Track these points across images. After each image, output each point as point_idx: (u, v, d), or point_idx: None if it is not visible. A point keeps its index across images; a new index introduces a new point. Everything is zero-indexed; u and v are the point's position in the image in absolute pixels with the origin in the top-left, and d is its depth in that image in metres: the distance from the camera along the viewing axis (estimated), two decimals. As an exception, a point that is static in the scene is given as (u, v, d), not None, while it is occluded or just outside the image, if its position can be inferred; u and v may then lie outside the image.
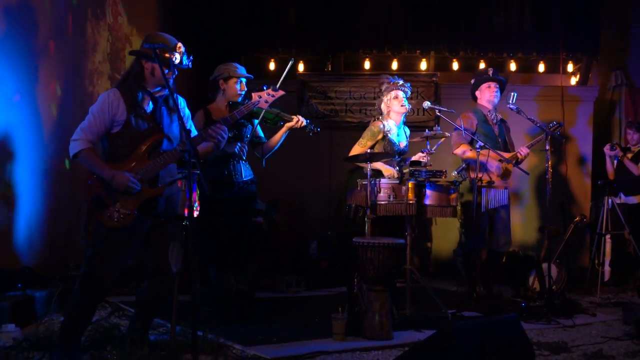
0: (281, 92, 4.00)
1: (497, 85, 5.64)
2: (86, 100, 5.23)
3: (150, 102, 3.50)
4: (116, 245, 3.39)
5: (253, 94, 3.98)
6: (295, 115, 4.64)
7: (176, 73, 3.50)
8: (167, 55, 3.39)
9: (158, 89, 3.53)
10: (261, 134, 4.77)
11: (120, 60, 6.05)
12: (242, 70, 4.63)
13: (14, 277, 4.26)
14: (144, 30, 6.28)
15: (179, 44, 3.46)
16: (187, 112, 3.66)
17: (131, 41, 6.24)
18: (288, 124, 4.59)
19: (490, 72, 5.67)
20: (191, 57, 3.52)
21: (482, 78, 5.68)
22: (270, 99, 3.96)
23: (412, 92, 6.27)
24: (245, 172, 4.63)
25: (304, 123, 4.60)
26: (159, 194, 3.48)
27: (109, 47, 5.86)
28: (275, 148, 4.71)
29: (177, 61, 3.42)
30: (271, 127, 4.69)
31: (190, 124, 3.67)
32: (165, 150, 3.47)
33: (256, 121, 4.63)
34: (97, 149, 3.43)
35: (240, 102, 4.55)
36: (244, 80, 4.61)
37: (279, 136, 4.66)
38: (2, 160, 4.38)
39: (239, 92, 4.59)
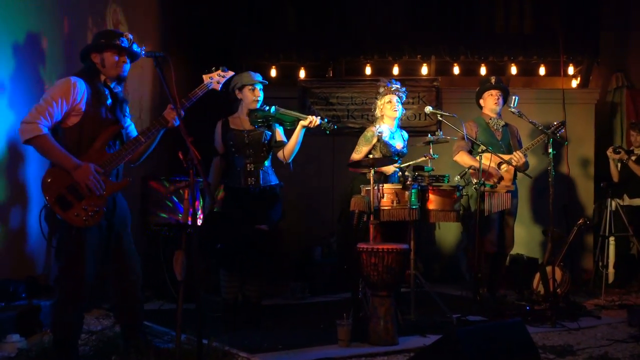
0: (231, 73, 3.98)
1: (500, 94, 5.65)
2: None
3: (110, 97, 3.45)
4: (88, 247, 3.24)
5: (204, 77, 3.90)
6: (310, 115, 4.63)
7: (129, 62, 3.47)
8: (117, 42, 3.37)
9: (114, 84, 3.49)
10: (284, 137, 4.75)
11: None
12: (256, 77, 4.64)
13: (19, 287, 4.26)
14: (144, 38, 6.28)
15: (127, 33, 3.42)
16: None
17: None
18: (302, 123, 4.57)
19: (493, 80, 5.69)
20: (143, 46, 3.47)
21: (484, 87, 5.72)
22: (222, 80, 3.90)
23: (413, 97, 6.25)
24: (264, 179, 4.59)
25: (318, 122, 4.58)
26: (124, 186, 3.41)
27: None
28: (296, 149, 4.67)
29: (125, 45, 3.38)
30: (291, 130, 4.68)
31: (132, 124, 3.65)
32: (124, 142, 3.43)
33: (277, 125, 4.66)
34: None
35: (259, 108, 4.57)
36: (258, 86, 4.61)
37: (296, 136, 4.63)
38: (6, 173, 4.40)
39: (254, 98, 4.59)
